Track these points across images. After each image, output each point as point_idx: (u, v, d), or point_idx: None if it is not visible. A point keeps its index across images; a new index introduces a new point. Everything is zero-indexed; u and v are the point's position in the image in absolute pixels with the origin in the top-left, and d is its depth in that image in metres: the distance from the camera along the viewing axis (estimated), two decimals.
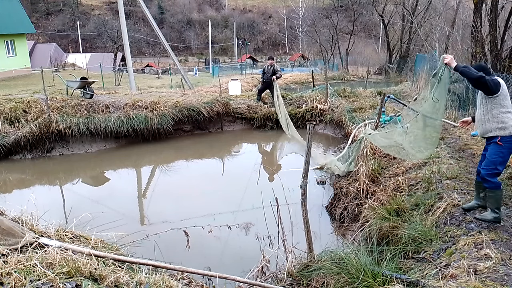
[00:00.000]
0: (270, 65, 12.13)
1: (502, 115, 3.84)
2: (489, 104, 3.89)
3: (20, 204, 4.00)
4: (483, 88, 3.85)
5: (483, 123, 3.97)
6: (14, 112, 9.87)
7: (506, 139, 3.83)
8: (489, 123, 3.91)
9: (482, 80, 3.77)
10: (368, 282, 3.45)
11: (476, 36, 9.25)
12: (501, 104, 3.84)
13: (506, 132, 3.82)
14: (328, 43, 38.89)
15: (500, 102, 3.84)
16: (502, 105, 3.84)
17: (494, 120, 3.87)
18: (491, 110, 3.89)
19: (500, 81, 3.88)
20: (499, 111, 3.84)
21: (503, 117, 3.83)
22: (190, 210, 6.48)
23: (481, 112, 3.98)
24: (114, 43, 47.36)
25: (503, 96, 3.85)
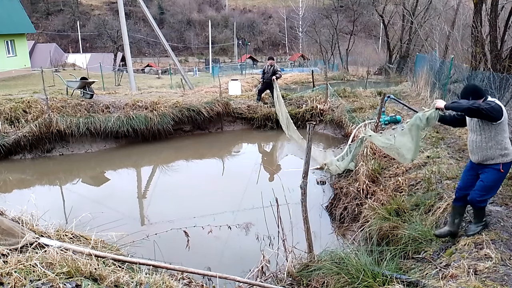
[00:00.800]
0: (270, 65, 12.13)
1: (505, 141, 3.64)
2: (493, 130, 3.63)
3: (20, 204, 4.01)
4: (481, 116, 3.57)
5: (483, 150, 3.69)
6: (14, 112, 9.87)
7: (508, 165, 3.69)
8: (491, 150, 3.66)
9: (474, 107, 3.53)
10: (368, 282, 3.45)
11: (476, 36, 9.25)
12: (504, 129, 3.64)
13: (508, 158, 3.66)
14: (328, 43, 38.88)
15: (503, 127, 3.63)
16: (505, 130, 3.65)
17: (498, 147, 3.64)
18: (495, 136, 3.63)
19: (501, 105, 3.64)
20: (503, 137, 3.63)
21: (506, 143, 3.64)
22: (190, 210, 6.48)
23: (482, 139, 3.69)
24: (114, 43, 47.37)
25: (506, 121, 3.65)
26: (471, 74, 9.05)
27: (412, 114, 9.65)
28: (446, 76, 10.26)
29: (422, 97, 12.24)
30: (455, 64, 10.25)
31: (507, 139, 3.65)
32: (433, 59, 13.16)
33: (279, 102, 11.21)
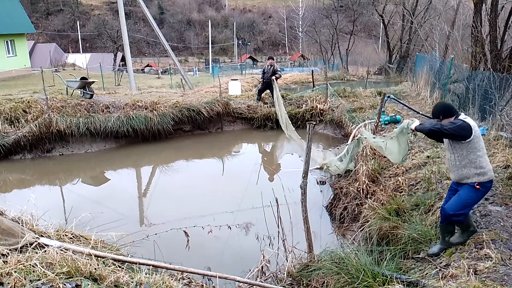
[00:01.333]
0: (270, 65, 12.13)
1: (479, 159, 3.53)
2: (464, 149, 3.55)
3: (20, 204, 4.00)
4: (446, 136, 3.56)
5: (458, 169, 3.63)
6: (14, 112, 9.87)
7: (485, 184, 3.57)
8: (466, 168, 3.57)
9: (435, 129, 3.51)
10: (368, 282, 3.45)
11: (476, 36, 9.24)
12: (476, 147, 3.52)
13: (486, 177, 3.54)
14: (328, 43, 38.86)
15: (475, 145, 3.52)
16: (477, 148, 3.52)
17: (472, 166, 3.54)
18: (468, 155, 3.54)
19: (471, 123, 3.50)
20: (477, 156, 3.52)
21: (480, 162, 3.53)
22: (190, 210, 6.48)
23: (455, 157, 3.63)
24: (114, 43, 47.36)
25: (477, 138, 3.52)
26: (471, 74, 9.05)
27: (412, 114, 9.66)
28: (446, 76, 10.26)
29: (422, 97, 12.24)
30: (455, 64, 10.25)
31: (483, 157, 3.54)
32: (433, 59, 13.16)
33: (278, 103, 11.22)
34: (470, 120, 3.55)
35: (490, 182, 3.63)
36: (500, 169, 5.40)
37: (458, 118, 3.57)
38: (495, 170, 5.40)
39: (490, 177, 3.58)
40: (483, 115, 7.96)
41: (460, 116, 3.59)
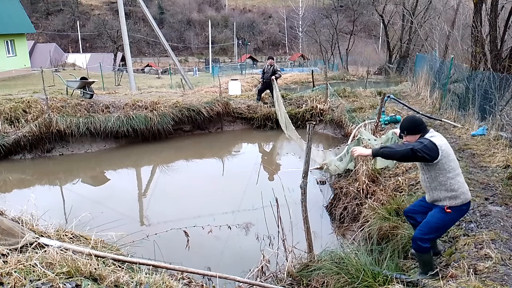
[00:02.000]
0: (270, 65, 12.13)
1: (450, 181, 3.20)
2: (432, 171, 3.24)
3: (20, 204, 4.01)
4: (417, 159, 3.22)
5: (430, 190, 3.35)
6: (14, 112, 9.87)
7: (457, 208, 3.25)
8: (437, 191, 3.28)
9: (409, 155, 3.16)
10: (368, 282, 3.46)
11: (476, 36, 9.25)
12: (446, 168, 3.20)
13: (457, 201, 3.22)
14: (328, 43, 38.87)
15: (444, 166, 3.19)
16: (447, 170, 3.20)
17: (442, 188, 3.24)
18: (436, 177, 3.24)
19: (437, 142, 3.18)
20: (446, 177, 3.21)
21: (452, 184, 3.20)
22: (190, 210, 6.48)
23: (425, 178, 3.35)
24: (114, 43, 47.35)
25: (446, 159, 3.18)
26: (471, 74, 9.06)
27: (412, 114, 9.67)
28: (446, 76, 10.26)
29: (422, 97, 12.24)
30: (455, 64, 10.25)
31: (454, 179, 3.21)
32: (433, 59, 13.16)
33: (278, 102, 11.21)
34: (438, 139, 3.23)
35: (466, 205, 3.28)
36: (500, 169, 5.41)
37: (425, 136, 3.24)
38: (495, 170, 5.40)
39: (463, 200, 3.24)
40: (483, 115, 7.97)
41: (428, 133, 3.28)
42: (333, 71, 31.84)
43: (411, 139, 3.31)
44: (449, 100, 9.80)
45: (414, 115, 3.52)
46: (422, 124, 3.34)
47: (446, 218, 3.28)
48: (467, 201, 3.28)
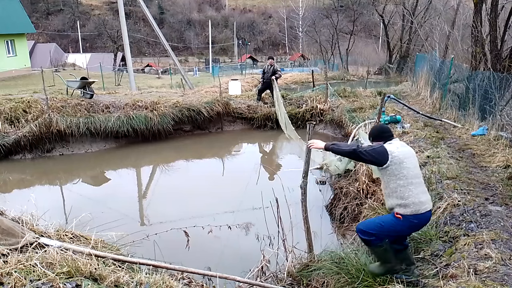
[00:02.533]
0: (270, 65, 12.13)
1: (400, 189, 3.19)
2: (385, 176, 3.28)
3: (20, 204, 4.01)
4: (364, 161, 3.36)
5: (385, 198, 3.39)
6: (14, 112, 9.87)
7: (407, 217, 3.19)
8: (390, 198, 3.29)
9: (355, 154, 3.27)
10: (368, 282, 3.45)
11: (476, 36, 9.25)
12: (396, 175, 3.19)
13: (407, 210, 3.17)
14: (328, 43, 38.89)
15: (394, 173, 3.20)
16: (398, 177, 3.19)
17: (394, 195, 3.24)
18: (388, 183, 3.27)
19: (389, 148, 3.22)
20: (397, 184, 3.20)
21: (402, 192, 3.18)
22: (190, 210, 6.48)
23: (382, 184, 3.41)
24: (114, 43, 47.34)
25: (397, 165, 3.18)
26: (471, 74, 9.06)
27: (412, 114, 9.67)
28: (446, 76, 10.26)
29: (422, 97, 12.25)
30: (455, 64, 10.25)
31: (405, 187, 3.18)
32: (433, 59, 13.17)
33: (278, 102, 11.21)
34: (393, 146, 3.27)
35: (416, 218, 3.19)
36: (500, 169, 5.41)
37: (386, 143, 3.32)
38: (495, 170, 5.41)
39: (413, 211, 3.16)
40: (483, 115, 7.97)
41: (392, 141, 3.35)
42: (333, 71, 31.87)
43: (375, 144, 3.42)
44: (449, 100, 9.80)
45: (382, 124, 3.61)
46: (386, 133, 3.44)
47: (394, 222, 3.25)
48: (418, 213, 3.18)
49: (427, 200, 3.29)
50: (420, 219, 3.23)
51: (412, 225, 3.26)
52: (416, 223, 3.26)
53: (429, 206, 3.28)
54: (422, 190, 3.29)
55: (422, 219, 3.25)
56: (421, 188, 3.29)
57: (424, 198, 3.26)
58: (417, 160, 3.44)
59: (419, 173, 3.35)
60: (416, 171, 3.31)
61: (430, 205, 3.32)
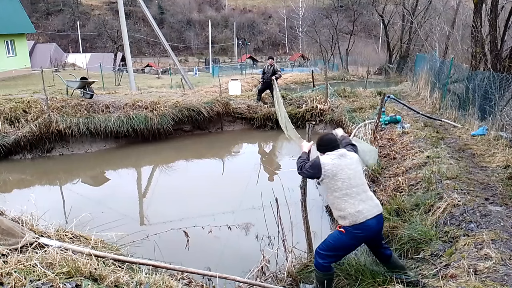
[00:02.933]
0: (270, 65, 12.13)
1: (337, 201, 3.28)
2: (325, 189, 3.39)
3: (20, 204, 4.01)
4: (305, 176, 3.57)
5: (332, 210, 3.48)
6: (14, 112, 9.87)
7: (348, 229, 3.24)
8: (332, 210, 3.41)
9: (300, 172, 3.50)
10: (368, 282, 3.45)
11: (476, 36, 9.25)
12: (331, 188, 3.30)
13: (346, 221, 3.22)
14: (328, 43, 38.90)
15: (329, 185, 3.31)
16: (333, 189, 3.29)
17: (334, 207, 3.34)
18: (328, 195, 3.39)
19: (323, 161, 3.32)
20: (333, 196, 3.31)
21: (338, 203, 3.27)
22: (190, 210, 6.48)
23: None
24: (114, 43, 47.32)
25: (330, 179, 3.27)
26: (471, 74, 9.06)
27: (412, 114, 9.67)
28: (446, 76, 10.26)
29: (422, 97, 12.25)
30: (455, 64, 10.25)
31: (341, 199, 3.25)
32: (433, 59, 13.16)
33: (278, 102, 11.20)
34: (327, 158, 3.34)
35: (357, 229, 3.20)
36: (500, 169, 5.41)
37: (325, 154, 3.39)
38: (495, 170, 5.41)
39: (351, 222, 3.20)
40: (483, 115, 7.97)
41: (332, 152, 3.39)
42: (333, 71, 31.87)
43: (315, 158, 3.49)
44: (449, 100, 9.80)
45: (327, 135, 3.61)
46: (327, 145, 3.46)
47: (339, 237, 3.29)
48: (356, 223, 3.19)
49: (368, 208, 3.24)
50: (362, 229, 3.20)
51: (358, 236, 3.24)
52: (360, 234, 3.22)
53: (369, 214, 3.22)
54: (362, 198, 3.26)
55: (364, 229, 3.20)
56: (360, 197, 3.27)
57: (362, 206, 3.23)
58: (357, 168, 3.38)
59: (358, 183, 3.31)
60: (354, 182, 3.28)
61: (372, 212, 3.24)
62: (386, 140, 7.91)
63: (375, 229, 3.27)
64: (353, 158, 3.43)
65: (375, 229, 3.28)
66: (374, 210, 3.28)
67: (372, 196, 3.37)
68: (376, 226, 3.28)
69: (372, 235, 3.31)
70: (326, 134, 3.63)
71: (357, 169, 3.39)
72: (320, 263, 3.35)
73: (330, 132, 3.69)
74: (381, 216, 3.35)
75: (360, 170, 3.42)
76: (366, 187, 3.40)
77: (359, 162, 3.46)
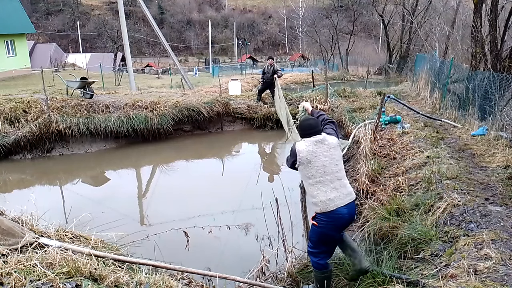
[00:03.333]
0: (270, 65, 12.14)
1: (310, 188, 3.30)
2: (301, 175, 3.43)
3: (20, 204, 4.01)
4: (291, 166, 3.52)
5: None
6: (14, 112, 9.87)
7: (320, 217, 3.27)
8: (307, 197, 3.46)
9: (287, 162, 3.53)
10: (368, 282, 3.45)
11: (476, 36, 9.24)
12: (305, 175, 3.34)
13: (317, 209, 3.26)
14: (328, 43, 38.87)
15: (303, 172, 3.35)
16: (307, 176, 3.32)
17: (308, 194, 3.39)
18: (304, 181, 3.42)
19: (298, 147, 3.33)
20: (307, 183, 3.34)
21: (311, 190, 3.29)
22: (190, 210, 6.48)
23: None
24: (114, 43, 47.34)
25: (305, 165, 3.29)
26: (471, 74, 9.06)
27: (412, 114, 9.67)
28: (446, 76, 10.26)
29: (422, 97, 12.24)
30: (455, 64, 10.25)
31: (314, 186, 3.28)
32: (433, 59, 13.16)
33: (280, 100, 11.13)
34: (302, 144, 3.34)
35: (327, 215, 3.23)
36: (500, 169, 5.40)
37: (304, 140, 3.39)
38: (495, 170, 5.40)
39: (322, 209, 3.23)
40: (483, 115, 7.96)
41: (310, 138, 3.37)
42: (333, 71, 31.85)
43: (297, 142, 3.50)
44: (449, 100, 9.80)
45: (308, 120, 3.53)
46: (305, 131, 3.42)
47: (316, 231, 3.34)
48: (326, 210, 3.21)
49: (340, 196, 3.25)
50: (332, 217, 3.22)
51: (329, 224, 3.25)
52: (331, 222, 3.24)
53: (341, 202, 3.23)
54: (335, 186, 3.27)
55: (334, 217, 3.23)
56: (333, 185, 3.27)
57: (334, 195, 3.24)
58: (333, 154, 3.35)
59: (333, 170, 3.30)
60: (328, 169, 3.28)
61: (344, 201, 3.25)
62: (386, 140, 7.91)
63: (346, 217, 3.29)
64: (331, 143, 3.39)
65: (346, 217, 3.30)
66: (347, 198, 3.29)
67: (346, 184, 3.37)
68: (347, 215, 3.29)
69: (343, 223, 3.33)
70: (307, 118, 3.57)
71: (334, 155, 3.36)
72: (315, 261, 3.41)
73: (312, 117, 3.62)
74: (353, 204, 3.35)
75: (336, 156, 3.38)
76: (341, 173, 3.37)
77: (337, 147, 3.42)
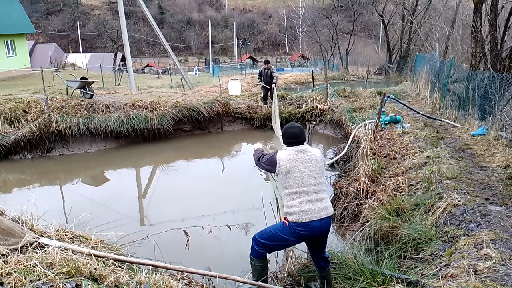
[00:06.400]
0: (267, 68, 12.15)
1: (286, 197, 3.29)
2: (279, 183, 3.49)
3: (20, 204, 4.00)
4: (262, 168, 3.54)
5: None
6: (14, 112, 9.87)
7: (291, 225, 3.25)
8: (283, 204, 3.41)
9: (257, 164, 3.57)
10: (368, 282, 3.45)
11: (476, 36, 9.24)
12: (283, 184, 3.33)
13: (291, 218, 3.23)
14: (328, 43, 38.86)
15: (282, 182, 3.34)
16: (285, 186, 3.31)
17: (284, 202, 3.34)
18: (282, 190, 3.40)
19: (279, 156, 3.32)
20: (284, 193, 3.33)
21: (287, 200, 3.28)
22: (190, 210, 6.48)
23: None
24: (114, 43, 47.34)
25: (283, 175, 3.28)
26: (471, 74, 9.06)
27: (412, 114, 9.67)
28: (446, 76, 10.26)
29: (422, 97, 12.25)
30: (455, 64, 10.25)
31: (290, 196, 3.27)
32: (433, 59, 13.16)
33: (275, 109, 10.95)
34: (283, 153, 3.33)
35: (299, 225, 3.19)
36: (500, 169, 5.41)
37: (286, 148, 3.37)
38: (495, 170, 5.41)
39: (295, 220, 3.19)
40: (483, 115, 7.97)
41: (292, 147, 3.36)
42: (333, 71, 31.85)
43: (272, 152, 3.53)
44: (449, 100, 9.80)
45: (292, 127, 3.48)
46: (289, 139, 3.42)
47: (281, 229, 3.34)
48: (299, 221, 3.18)
49: (314, 210, 3.21)
50: (303, 228, 3.20)
51: (298, 233, 3.23)
52: (301, 231, 3.22)
53: (314, 216, 3.19)
54: (310, 199, 3.24)
55: (306, 229, 3.20)
56: (309, 197, 3.24)
57: (308, 207, 3.20)
58: (314, 167, 3.32)
59: (311, 182, 3.27)
60: (306, 181, 3.25)
61: (318, 215, 3.21)
62: (386, 140, 7.91)
63: (317, 232, 3.26)
64: (314, 155, 3.36)
65: (318, 232, 3.26)
66: (321, 213, 3.24)
67: (323, 198, 3.31)
68: (319, 229, 3.25)
69: (314, 236, 3.30)
70: (291, 126, 3.50)
71: (314, 167, 3.32)
72: (256, 250, 3.46)
73: (297, 125, 3.55)
74: (328, 219, 3.29)
75: (317, 169, 3.34)
76: (320, 187, 3.32)
77: (320, 160, 3.38)
